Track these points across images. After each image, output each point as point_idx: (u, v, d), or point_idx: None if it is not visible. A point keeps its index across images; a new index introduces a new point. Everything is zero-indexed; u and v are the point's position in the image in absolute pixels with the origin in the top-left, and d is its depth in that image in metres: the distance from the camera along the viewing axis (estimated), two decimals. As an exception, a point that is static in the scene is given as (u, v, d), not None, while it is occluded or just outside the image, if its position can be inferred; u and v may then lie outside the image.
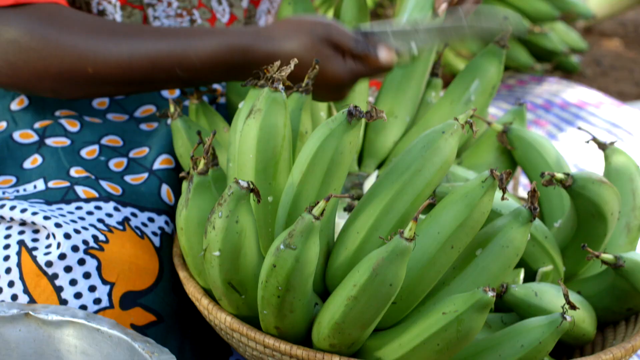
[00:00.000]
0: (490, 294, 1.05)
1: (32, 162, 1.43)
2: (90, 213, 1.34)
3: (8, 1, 1.29)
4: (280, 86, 1.17)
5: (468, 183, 1.13)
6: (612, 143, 1.41)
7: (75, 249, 1.26)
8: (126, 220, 1.35)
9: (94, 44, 1.31)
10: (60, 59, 1.31)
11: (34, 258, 1.27)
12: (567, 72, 2.79)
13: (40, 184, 1.39)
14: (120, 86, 1.35)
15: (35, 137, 1.46)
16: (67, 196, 1.36)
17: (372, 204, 1.15)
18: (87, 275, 1.27)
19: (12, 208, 1.31)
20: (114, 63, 1.31)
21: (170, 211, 1.42)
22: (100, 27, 1.33)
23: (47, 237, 1.28)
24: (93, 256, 1.27)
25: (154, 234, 1.36)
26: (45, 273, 1.26)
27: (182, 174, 1.24)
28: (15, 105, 1.49)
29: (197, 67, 1.31)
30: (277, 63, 1.19)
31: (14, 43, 1.30)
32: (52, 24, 1.31)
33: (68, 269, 1.26)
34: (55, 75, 1.31)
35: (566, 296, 1.11)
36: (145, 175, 1.44)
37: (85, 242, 1.28)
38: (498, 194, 1.13)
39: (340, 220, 1.27)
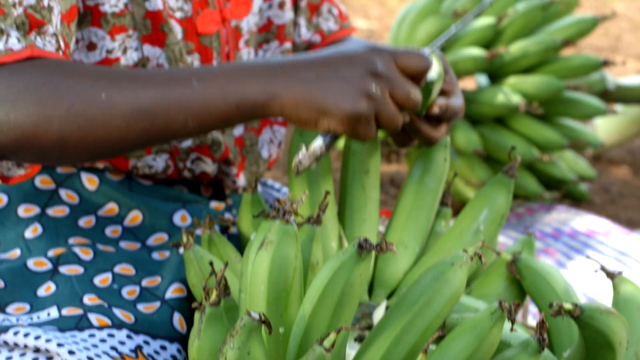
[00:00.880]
0: None
1: (46, 289, 1.45)
2: (103, 341, 1.34)
3: (22, 55, 1.29)
4: (292, 218, 1.20)
5: (477, 315, 1.14)
6: (620, 273, 1.42)
7: None
8: (139, 348, 1.36)
9: (111, 77, 1.31)
10: (73, 93, 1.29)
11: None
12: (576, 200, 2.82)
13: (54, 312, 1.40)
14: (130, 118, 1.30)
15: (49, 265, 1.47)
16: (80, 324, 1.37)
17: (382, 336, 1.16)
18: None
19: (26, 335, 1.32)
20: (129, 87, 1.30)
21: (182, 339, 1.42)
22: (114, 69, 1.36)
23: None
24: None
25: None
26: None
27: (194, 305, 1.25)
28: (29, 233, 1.51)
29: (210, 123, 1.33)
30: (289, 195, 1.22)
31: (27, 89, 1.28)
32: (69, 71, 1.31)
33: None
34: (65, 111, 1.28)
35: None
36: (158, 304, 1.45)
37: None
38: (507, 324, 1.14)
39: (351, 350, 1.28)
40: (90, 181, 1.56)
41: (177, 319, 1.44)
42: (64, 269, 1.47)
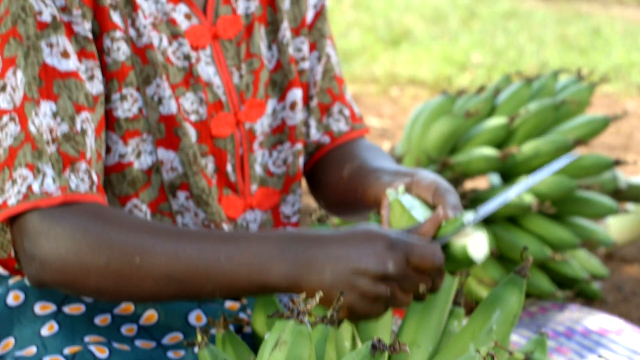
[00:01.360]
0: None
1: (62, 387, 1.46)
2: None
3: (56, 200, 1.36)
4: (306, 318, 1.21)
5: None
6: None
7: None
8: None
9: (143, 237, 1.37)
10: (110, 250, 1.36)
11: None
12: (589, 299, 2.82)
13: None
14: (162, 282, 1.37)
15: None
16: None
17: None
18: None
19: None
20: (161, 253, 1.36)
21: None
22: (147, 224, 1.40)
23: None
24: None
25: None
26: None
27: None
28: (45, 331, 1.53)
29: (240, 288, 1.36)
30: (303, 295, 1.23)
31: (66, 239, 1.35)
32: (102, 220, 1.37)
33: None
34: (102, 267, 1.36)
35: None
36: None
37: None
38: None
39: None
40: None
41: None
42: None
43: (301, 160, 1.73)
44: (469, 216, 1.37)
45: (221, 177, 1.61)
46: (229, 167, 1.62)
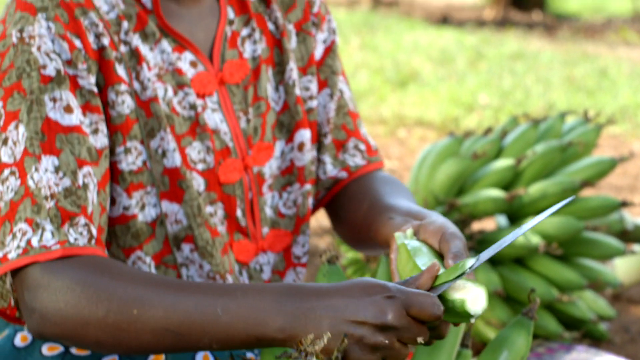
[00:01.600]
0: None
1: None
2: None
3: (55, 254, 1.36)
4: (313, 359, 1.21)
5: None
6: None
7: None
8: None
9: (141, 289, 1.36)
10: (108, 302, 1.35)
11: None
12: (596, 340, 2.82)
13: None
14: (159, 334, 1.36)
15: None
16: None
17: None
18: None
19: None
20: (159, 305, 1.35)
21: None
22: (146, 276, 1.40)
23: None
24: None
25: None
26: None
27: None
28: None
29: (238, 341, 1.36)
30: (311, 336, 1.24)
31: (65, 292, 1.36)
32: (101, 272, 1.37)
33: None
34: (101, 320, 1.35)
35: None
36: None
37: None
38: None
39: None
40: None
41: None
42: None
43: (310, 201, 1.73)
44: (468, 263, 1.37)
45: (231, 222, 1.62)
46: (238, 212, 1.62)
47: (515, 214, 2.74)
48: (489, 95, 6.15)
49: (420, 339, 1.32)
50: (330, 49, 1.77)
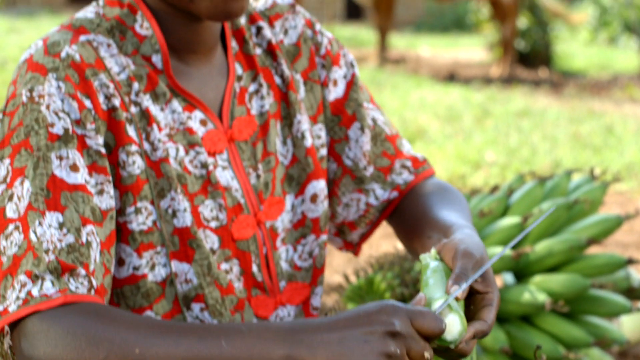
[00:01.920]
0: None
1: None
2: None
3: (56, 302, 1.36)
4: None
5: None
6: None
7: None
8: None
9: (143, 330, 1.36)
10: (109, 343, 1.34)
11: None
12: (605, 398, 2.81)
13: None
14: None
15: None
16: None
17: None
18: None
19: None
20: (161, 343, 1.34)
21: None
22: (148, 319, 1.39)
23: None
24: None
25: None
26: None
27: None
28: None
29: None
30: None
31: (65, 336, 1.34)
32: (102, 317, 1.37)
33: None
34: None
35: None
36: None
37: None
38: None
39: None
40: None
41: None
42: None
43: (326, 251, 1.74)
44: (440, 304, 1.38)
45: (248, 278, 1.63)
46: (254, 268, 1.63)
47: (522, 272, 2.76)
48: (495, 152, 6.19)
49: (427, 354, 1.33)
50: (352, 83, 1.78)
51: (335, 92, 1.77)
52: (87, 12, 1.60)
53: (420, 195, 1.75)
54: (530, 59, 12.14)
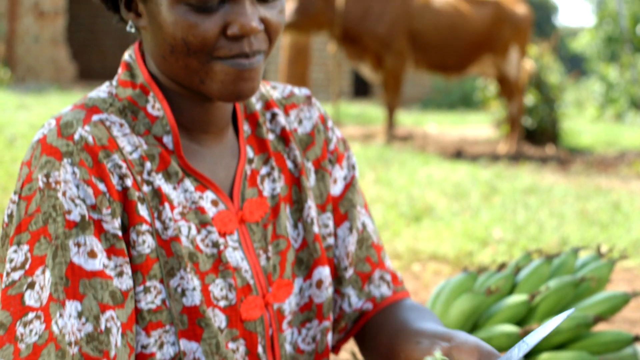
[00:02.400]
0: None
1: None
2: None
3: None
4: None
5: None
6: None
7: None
8: None
9: None
10: None
11: None
12: None
13: None
14: None
15: None
16: None
17: None
18: None
19: None
20: None
21: None
22: None
23: None
24: None
25: None
26: None
27: None
28: None
29: None
30: None
31: None
32: None
33: None
34: None
35: None
36: None
37: None
38: None
39: None
40: None
41: None
42: None
43: (329, 337, 1.75)
44: None
45: (253, 359, 1.64)
46: (259, 349, 1.65)
47: (530, 349, 2.75)
48: (502, 229, 6.20)
49: None
50: (350, 184, 1.82)
51: (333, 190, 1.80)
52: (100, 92, 1.63)
53: (399, 310, 1.77)
54: (537, 135, 12.20)
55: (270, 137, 1.75)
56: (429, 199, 7.08)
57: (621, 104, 18.00)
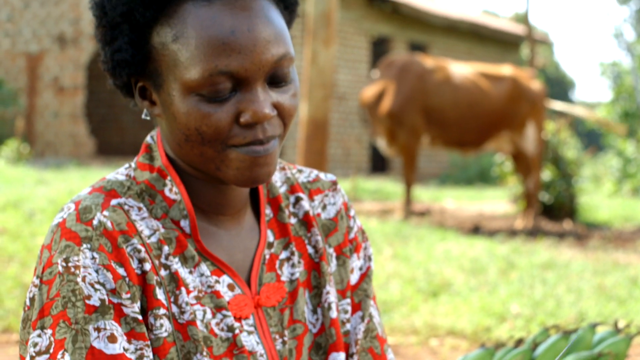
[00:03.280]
0: None
1: None
2: None
3: None
4: None
5: None
6: None
7: None
8: None
9: None
10: None
11: None
12: None
13: None
14: None
15: None
16: None
17: None
18: None
19: None
20: None
21: None
22: None
23: None
24: None
25: None
26: None
27: None
28: None
29: None
30: None
31: None
32: None
33: None
34: None
35: None
36: None
37: None
38: None
39: None
40: None
41: None
42: None
43: None
44: None
45: None
46: None
47: None
48: (520, 304, 6.18)
49: None
50: (366, 275, 1.83)
51: (350, 279, 1.80)
52: (119, 175, 1.64)
53: None
54: (554, 211, 12.20)
55: (292, 220, 1.75)
56: (447, 275, 7.08)
57: (638, 178, 18.00)
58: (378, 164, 23.29)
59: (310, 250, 1.75)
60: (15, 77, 17.11)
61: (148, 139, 1.68)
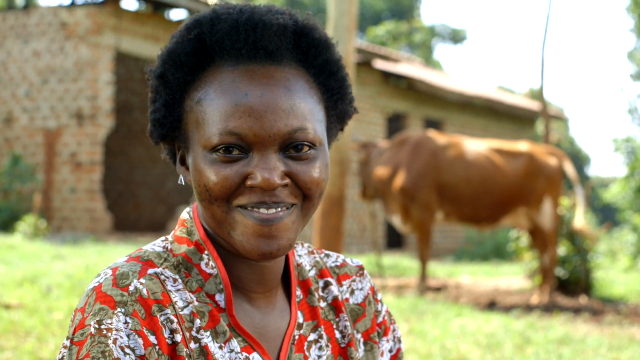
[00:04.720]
0: None
1: None
2: None
3: None
4: None
5: None
6: None
7: None
8: None
9: None
10: None
11: None
12: None
13: None
14: None
15: None
16: None
17: None
18: None
19: None
20: None
21: None
22: None
23: None
24: None
25: None
26: None
27: None
28: None
29: None
30: None
31: None
32: None
33: None
34: None
35: None
36: None
37: None
38: None
39: None
40: None
41: None
42: None
43: None
44: None
45: None
46: None
47: None
48: (536, 380, 6.16)
49: None
50: (396, 357, 1.85)
51: None
52: (156, 246, 1.66)
53: None
54: (570, 286, 12.15)
55: (322, 304, 1.77)
56: (463, 350, 7.07)
57: (654, 253, 17.93)
58: (394, 240, 23.29)
59: (337, 335, 1.76)
60: (33, 153, 17.30)
61: (184, 214, 1.70)
